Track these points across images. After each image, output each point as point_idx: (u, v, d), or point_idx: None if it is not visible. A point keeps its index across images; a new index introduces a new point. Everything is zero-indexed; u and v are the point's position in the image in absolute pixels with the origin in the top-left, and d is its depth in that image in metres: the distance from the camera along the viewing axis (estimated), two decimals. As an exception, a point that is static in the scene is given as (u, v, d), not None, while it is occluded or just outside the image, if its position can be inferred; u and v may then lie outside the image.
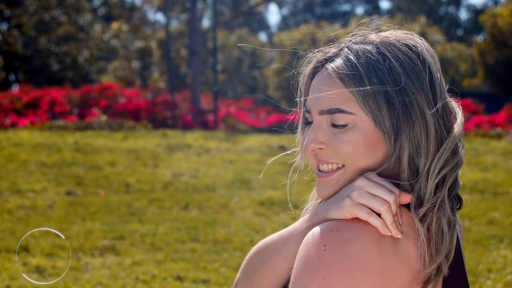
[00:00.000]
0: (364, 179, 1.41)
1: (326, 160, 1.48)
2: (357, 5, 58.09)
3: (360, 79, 1.43)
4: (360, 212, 1.39)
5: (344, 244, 1.36)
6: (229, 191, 10.06)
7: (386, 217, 1.38)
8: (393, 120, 1.42)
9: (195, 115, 20.52)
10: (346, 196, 1.42)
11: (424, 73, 1.45)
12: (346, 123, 1.44)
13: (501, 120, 17.95)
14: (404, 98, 1.42)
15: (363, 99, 1.42)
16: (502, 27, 26.70)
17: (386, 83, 1.42)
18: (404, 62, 1.45)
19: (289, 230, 1.52)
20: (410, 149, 1.43)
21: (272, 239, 1.55)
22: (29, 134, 14.62)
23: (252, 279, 1.56)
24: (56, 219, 8.23)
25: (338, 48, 1.52)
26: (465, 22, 53.16)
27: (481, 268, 6.54)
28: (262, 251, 1.55)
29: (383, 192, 1.40)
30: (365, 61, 1.44)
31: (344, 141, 1.45)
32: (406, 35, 1.51)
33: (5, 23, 34.30)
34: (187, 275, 6.35)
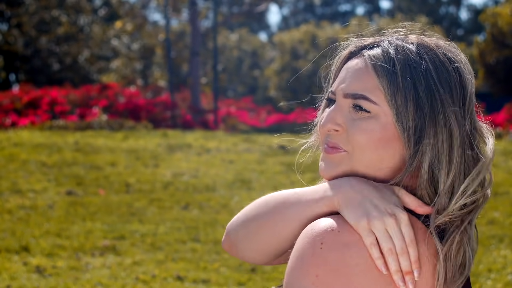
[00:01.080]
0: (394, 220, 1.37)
1: (335, 144, 1.46)
2: (358, 5, 58.08)
3: (394, 73, 1.41)
4: (366, 237, 1.36)
5: (343, 247, 1.35)
6: (229, 191, 10.06)
7: (391, 264, 1.35)
8: (417, 121, 1.40)
9: (196, 115, 20.53)
10: (368, 215, 1.37)
11: (458, 86, 1.43)
12: (369, 110, 1.42)
13: (501, 120, 17.96)
14: (433, 104, 1.40)
15: (391, 92, 1.40)
16: (502, 27, 26.70)
17: (418, 84, 1.41)
18: (440, 70, 1.43)
19: (304, 192, 1.47)
20: (431, 156, 1.40)
21: (283, 194, 1.49)
22: (29, 134, 14.62)
23: (248, 226, 1.52)
24: (56, 219, 8.23)
25: (378, 39, 1.50)
26: (465, 22, 53.16)
27: (481, 268, 6.54)
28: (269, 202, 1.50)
29: (399, 242, 1.36)
30: (402, 58, 1.43)
31: (361, 128, 1.43)
32: (448, 46, 1.49)
33: (5, 23, 34.31)
34: (188, 275, 6.36)
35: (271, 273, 6.46)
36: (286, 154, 12.51)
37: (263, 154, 13.00)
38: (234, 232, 1.54)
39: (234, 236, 1.55)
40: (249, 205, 1.55)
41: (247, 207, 1.55)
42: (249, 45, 43.40)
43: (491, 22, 27.35)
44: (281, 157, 12.37)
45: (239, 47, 42.94)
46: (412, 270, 1.36)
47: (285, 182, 10.50)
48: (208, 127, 19.38)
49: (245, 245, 1.53)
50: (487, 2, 55.06)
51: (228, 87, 42.79)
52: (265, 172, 11.40)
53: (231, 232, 1.55)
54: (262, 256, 1.52)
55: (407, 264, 1.35)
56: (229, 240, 1.56)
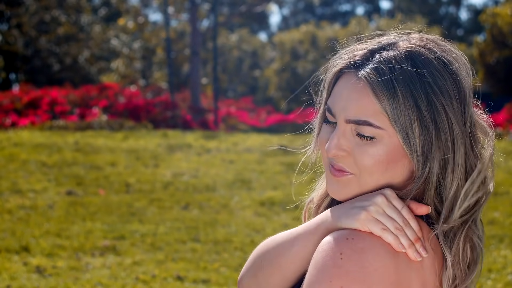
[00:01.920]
0: (384, 198, 1.40)
1: (341, 168, 1.45)
2: (357, 5, 58.08)
3: (394, 94, 1.38)
4: (374, 227, 1.38)
5: (360, 253, 1.36)
6: (229, 191, 10.06)
7: (403, 240, 1.37)
8: (423, 140, 1.39)
9: (196, 115, 20.53)
10: (361, 209, 1.40)
11: (457, 91, 1.42)
12: (373, 135, 1.41)
13: (501, 120, 17.97)
14: (436, 118, 1.39)
15: (395, 116, 1.38)
16: (502, 27, 26.69)
17: (419, 101, 1.38)
18: (438, 80, 1.41)
19: (298, 231, 1.50)
20: (439, 169, 1.41)
21: (281, 238, 1.52)
22: (29, 134, 14.62)
23: (258, 276, 1.54)
24: (56, 219, 8.23)
25: (366, 50, 1.46)
26: (465, 22, 53.16)
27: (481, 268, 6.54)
28: (270, 249, 1.53)
29: (398, 217, 1.39)
30: (400, 76, 1.39)
31: (368, 154, 1.41)
32: (441, 46, 1.46)
33: (5, 23, 34.32)
34: (188, 275, 6.36)
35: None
36: (286, 154, 12.51)
37: (263, 154, 13.00)
38: (246, 283, 1.58)
39: (247, 286, 1.58)
40: (252, 253, 1.58)
41: (251, 256, 1.58)
42: (249, 45, 43.39)
43: (491, 22, 27.34)
44: (281, 157, 12.38)
45: (239, 47, 42.94)
46: (419, 238, 1.39)
47: (285, 182, 10.50)
48: (208, 127, 19.38)
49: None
50: (487, 2, 55.06)
51: (228, 87, 42.79)
52: (265, 172, 11.40)
53: (243, 283, 1.59)
54: None
55: (413, 233, 1.39)
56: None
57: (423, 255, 1.38)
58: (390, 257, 1.37)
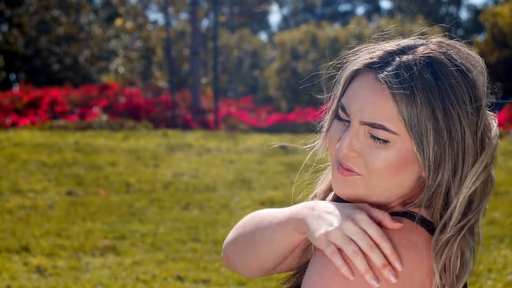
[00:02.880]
0: (351, 222, 1.34)
1: (349, 167, 1.43)
2: (358, 5, 58.08)
3: (413, 100, 1.37)
4: (326, 248, 1.34)
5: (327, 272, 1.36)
6: (229, 191, 10.07)
7: (359, 265, 1.32)
8: (437, 149, 1.38)
9: (196, 115, 20.53)
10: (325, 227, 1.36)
11: (474, 101, 1.41)
12: (387, 139, 1.39)
13: (501, 120, 17.97)
14: (451, 128, 1.38)
15: (412, 123, 1.37)
16: (502, 26, 26.70)
17: (437, 109, 1.37)
18: (457, 90, 1.39)
19: (275, 217, 1.50)
20: (449, 180, 1.40)
21: (261, 219, 1.54)
22: (29, 134, 14.62)
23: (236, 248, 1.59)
24: (56, 219, 8.23)
25: (386, 52, 1.44)
26: (465, 22, 53.16)
27: (481, 268, 6.54)
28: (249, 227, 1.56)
29: (363, 241, 1.33)
30: (420, 82, 1.38)
31: (379, 157, 1.40)
32: (458, 50, 1.45)
33: (5, 23, 34.32)
34: (188, 275, 6.36)
35: (271, 273, 6.46)
36: (286, 154, 12.50)
37: (263, 154, 13.00)
38: (227, 249, 1.63)
39: (228, 252, 1.63)
40: (239, 222, 1.62)
41: (237, 224, 1.62)
42: (250, 45, 43.40)
43: (491, 22, 27.35)
44: (281, 157, 12.37)
45: (240, 47, 42.94)
46: (390, 262, 1.32)
47: (285, 182, 10.50)
48: (208, 127, 19.39)
49: (235, 261, 1.61)
50: (487, 2, 55.05)
51: (228, 87, 42.79)
52: (265, 172, 11.40)
53: (225, 249, 1.64)
54: (250, 272, 1.60)
55: (380, 258, 1.32)
56: (225, 255, 1.65)
57: (392, 280, 1.32)
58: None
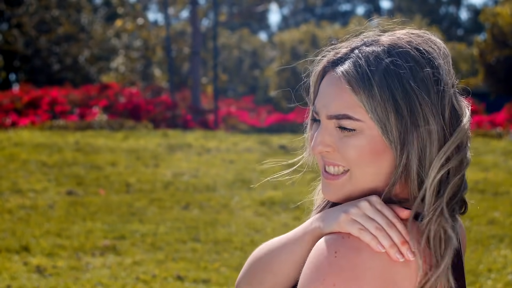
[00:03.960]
0: (367, 202, 1.42)
1: (332, 162, 1.48)
2: (358, 5, 58.11)
3: (370, 86, 1.41)
4: (351, 227, 1.39)
5: (355, 251, 1.37)
6: (229, 191, 10.07)
7: (383, 240, 1.37)
8: (400, 129, 1.41)
9: (196, 115, 20.54)
10: (342, 211, 1.42)
11: (434, 80, 1.43)
12: (354, 128, 1.43)
13: (501, 120, 17.97)
14: (412, 107, 1.41)
15: (372, 108, 1.41)
16: (502, 26, 26.69)
17: (396, 92, 1.41)
18: (414, 70, 1.42)
19: (288, 236, 1.52)
20: (418, 159, 1.42)
21: (272, 244, 1.55)
22: (29, 134, 14.62)
23: (252, 283, 1.57)
24: (56, 219, 8.23)
25: (349, 48, 1.49)
26: (465, 22, 53.16)
27: (481, 268, 6.54)
28: (262, 255, 1.56)
29: (381, 219, 1.39)
30: (375, 68, 1.42)
31: (350, 145, 1.44)
32: (421, 37, 1.48)
33: (5, 23, 34.31)
34: (188, 275, 6.36)
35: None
36: (286, 154, 12.51)
37: (263, 154, 13.00)
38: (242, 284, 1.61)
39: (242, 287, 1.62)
40: (248, 259, 1.61)
41: (247, 262, 1.61)
42: (249, 45, 43.40)
43: (491, 21, 27.35)
44: (281, 157, 12.35)
45: (239, 47, 42.94)
46: (407, 241, 1.38)
47: (285, 182, 10.49)
48: (208, 127, 19.39)
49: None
50: (487, 2, 55.06)
51: (228, 87, 42.79)
52: (266, 172, 11.40)
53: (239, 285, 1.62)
54: None
55: (398, 235, 1.38)
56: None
57: (410, 258, 1.37)
58: (386, 257, 1.37)
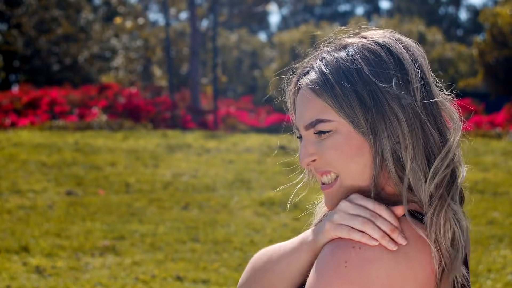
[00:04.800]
0: (346, 201, 1.42)
1: (322, 170, 1.49)
2: (357, 5, 58.11)
3: (331, 86, 1.44)
4: (340, 232, 1.39)
5: (366, 263, 1.36)
6: (229, 191, 10.07)
7: (373, 233, 1.37)
8: (368, 118, 1.42)
9: (195, 115, 20.54)
10: (327, 220, 1.43)
11: (395, 69, 1.44)
12: (328, 129, 1.45)
13: (501, 120, 17.98)
14: (374, 96, 1.42)
15: (337, 105, 1.43)
16: (502, 27, 26.70)
17: (356, 85, 1.42)
18: (372, 61, 1.44)
19: (286, 246, 1.53)
20: (392, 146, 1.42)
21: (271, 252, 1.56)
22: (29, 134, 14.62)
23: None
24: (56, 219, 8.23)
25: (313, 59, 1.53)
26: (465, 22, 53.17)
27: (481, 268, 6.54)
28: (261, 263, 1.57)
29: (365, 212, 1.39)
30: (334, 68, 1.46)
31: (329, 146, 1.46)
32: (383, 34, 1.50)
33: (5, 23, 34.31)
34: (187, 275, 6.36)
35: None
36: (286, 154, 12.49)
37: (263, 154, 13.00)
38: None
39: None
40: (248, 264, 1.61)
41: (247, 267, 1.61)
42: (249, 45, 43.40)
43: (490, 22, 27.35)
44: (281, 157, 12.35)
45: (239, 47, 42.94)
46: (396, 226, 1.38)
47: (285, 182, 10.48)
48: (208, 127, 19.39)
49: None
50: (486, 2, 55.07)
51: (228, 87, 42.79)
52: (265, 172, 11.41)
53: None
54: None
55: (385, 224, 1.38)
56: None
57: (402, 243, 1.37)
58: (396, 268, 1.36)
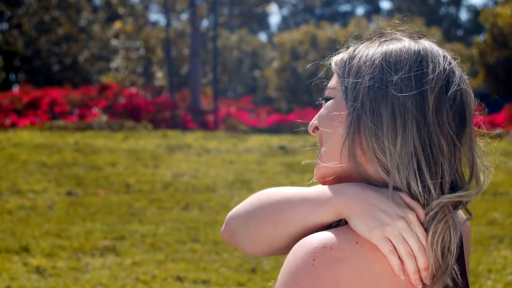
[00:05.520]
0: (404, 221, 1.35)
1: (321, 140, 1.50)
2: (357, 5, 58.11)
3: (348, 62, 1.47)
4: (382, 246, 1.34)
5: (335, 263, 1.32)
6: (229, 191, 10.07)
7: (410, 266, 1.34)
8: (356, 89, 1.41)
9: (195, 115, 20.54)
10: (379, 223, 1.35)
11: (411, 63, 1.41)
12: (330, 96, 1.48)
13: (501, 120, 17.98)
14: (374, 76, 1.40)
15: (342, 74, 1.46)
16: (502, 27, 26.70)
17: (362, 63, 1.44)
18: (392, 50, 1.44)
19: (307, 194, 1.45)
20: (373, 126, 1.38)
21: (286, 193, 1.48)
22: (29, 135, 14.62)
23: (249, 223, 1.51)
24: (56, 220, 8.23)
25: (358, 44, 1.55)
26: (465, 22, 53.17)
27: (481, 268, 6.54)
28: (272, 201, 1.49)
29: (415, 244, 1.35)
30: (357, 49, 1.48)
31: (322, 110, 1.49)
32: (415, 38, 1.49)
33: (5, 23, 34.32)
34: (187, 275, 6.36)
35: (271, 273, 6.47)
36: (286, 155, 12.51)
37: (263, 154, 13.00)
38: (235, 225, 1.54)
39: (234, 228, 1.54)
40: (251, 197, 1.54)
41: (249, 199, 1.54)
42: (249, 45, 43.41)
43: (491, 22, 27.35)
44: (281, 158, 12.37)
45: (239, 47, 42.95)
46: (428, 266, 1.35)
47: (285, 182, 10.50)
48: (208, 127, 19.39)
49: (244, 239, 1.52)
50: (487, 2, 55.09)
51: (228, 88, 42.79)
52: (265, 172, 11.41)
53: (231, 224, 1.55)
54: (260, 251, 1.52)
55: (424, 261, 1.35)
56: (228, 230, 1.56)
57: (427, 283, 1.34)
58: (367, 269, 1.33)
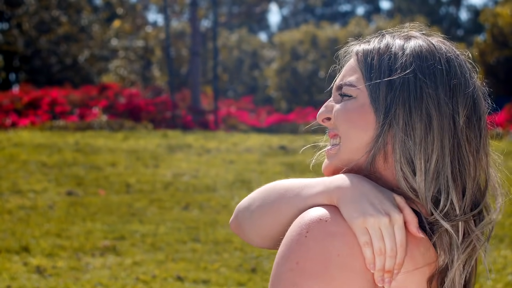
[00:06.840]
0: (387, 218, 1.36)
1: (333, 132, 1.50)
2: (358, 5, 58.09)
3: (372, 58, 1.46)
4: (361, 236, 1.35)
5: (328, 236, 1.34)
6: (229, 191, 10.07)
7: (378, 263, 1.34)
8: (388, 99, 1.42)
9: (196, 115, 20.53)
10: (361, 212, 1.36)
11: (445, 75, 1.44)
12: (351, 94, 1.47)
13: (501, 120, 17.97)
14: (405, 82, 1.42)
15: (367, 75, 1.45)
16: (502, 27, 26.70)
17: (394, 65, 1.44)
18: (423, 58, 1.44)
19: (310, 182, 1.47)
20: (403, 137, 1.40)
21: (289, 183, 1.52)
22: (29, 134, 14.62)
23: (254, 211, 1.55)
24: (56, 220, 8.23)
25: (378, 36, 1.54)
26: (465, 22, 53.16)
27: (481, 268, 6.54)
28: (275, 190, 1.53)
29: (389, 246, 1.35)
30: (385, 47, 1.47)
31: (342, 108, 1.47)
32: (442, 41, 1.52)
33: (5, 23, 34.32)
34: (188, 275, 6.36)
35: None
36: (286, 155, 12.50)
37: (263, 154, 13.00)
38: (242, 215, 1.58)
39: (241, 219, 1.58)
40: (258, 189, 1.58)
41: (256, 191, 1.58)
42: (249, 45, 43.41)
43: (491, 22, 27.36)
44: (281, 158, 12.37)
45: (239, 47, 42.95)
46: (393, 270, 1.35)
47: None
48: (208, 127, 19.39)
49: (249, 229, 1.56)
50: (487, 2, 55.07)
51: (228, 87, 42.79)
52: (265, 172, 11.41)
53: (239, 215, 1.59)
54: (264, 241, 1.54)
55: (391, 264, 1.35)
56: (236, 221, 1.60)
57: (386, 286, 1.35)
58: (359, 247, 1.34)
